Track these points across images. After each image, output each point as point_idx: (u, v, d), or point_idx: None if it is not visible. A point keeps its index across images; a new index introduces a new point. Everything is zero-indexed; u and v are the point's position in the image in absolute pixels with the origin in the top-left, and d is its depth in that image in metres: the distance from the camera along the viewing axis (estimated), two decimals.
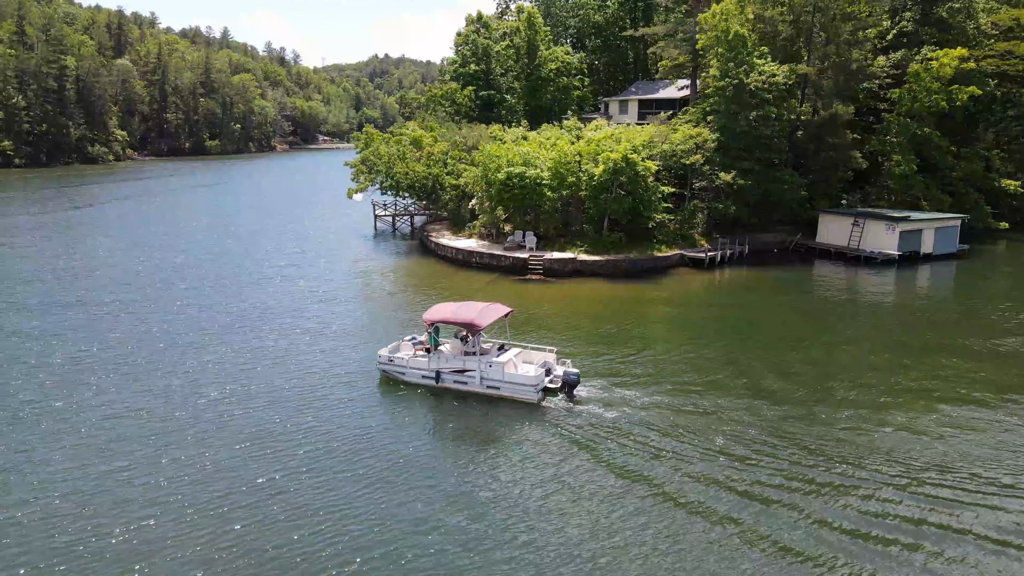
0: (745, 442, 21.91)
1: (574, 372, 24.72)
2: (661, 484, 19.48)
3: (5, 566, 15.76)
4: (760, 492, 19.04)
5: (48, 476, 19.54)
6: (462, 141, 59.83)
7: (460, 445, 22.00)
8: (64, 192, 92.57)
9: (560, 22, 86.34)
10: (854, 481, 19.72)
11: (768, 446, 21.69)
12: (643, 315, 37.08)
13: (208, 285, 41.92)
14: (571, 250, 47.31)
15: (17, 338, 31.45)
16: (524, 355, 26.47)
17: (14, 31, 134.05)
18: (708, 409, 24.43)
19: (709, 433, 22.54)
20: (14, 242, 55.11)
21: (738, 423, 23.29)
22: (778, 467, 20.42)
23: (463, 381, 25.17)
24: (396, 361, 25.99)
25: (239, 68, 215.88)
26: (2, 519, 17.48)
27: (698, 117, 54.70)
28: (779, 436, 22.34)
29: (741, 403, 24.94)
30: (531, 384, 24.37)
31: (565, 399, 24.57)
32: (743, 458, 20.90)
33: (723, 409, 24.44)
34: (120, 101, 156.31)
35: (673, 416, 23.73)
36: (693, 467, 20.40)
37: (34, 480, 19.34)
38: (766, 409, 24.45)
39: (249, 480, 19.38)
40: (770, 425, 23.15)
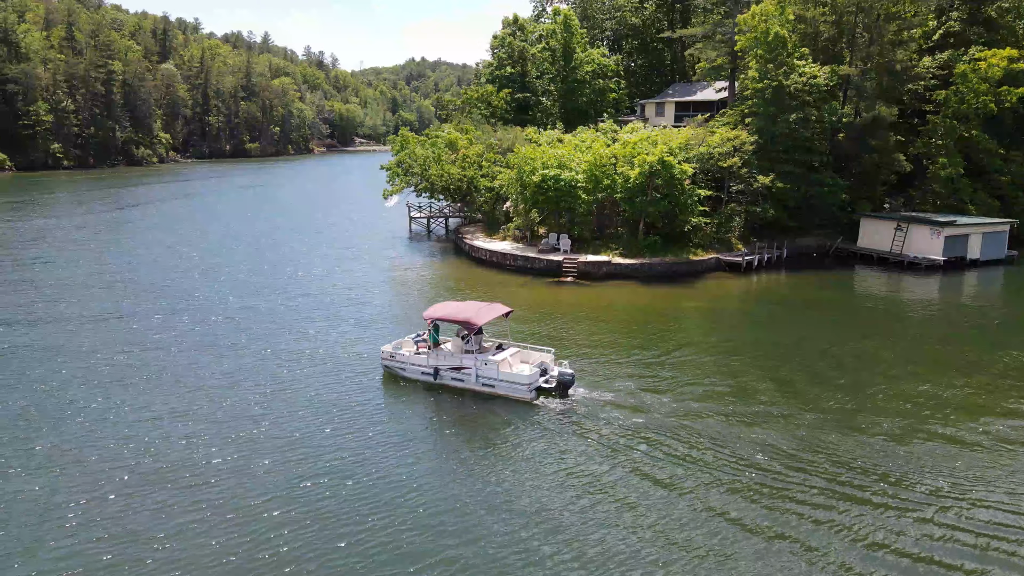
0: (777, 452, 21.37)
1: (568, 373, 24.99)
2: (676, 497, 18.94)
3: (48, 564, 16.18)
4: (799, 510, 18.23)
5: (92, 474, 20.05)
6: (497, 143, 59.94)
7: (449, 439, 22.55)
8: (111, 193, 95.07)
9: (596, 24, 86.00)
10: (902, 497, 18.80)
11: (802, 458, 21.12)
12: (676, 319, 36.69)
13: (245, 286, 42.60)
14: (605, 253, 47.04)
15: (52, 338, 32.34)
16: (522, 355, 26.70)
17: (64, 36, 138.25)
18: (737, 415, 23.98)
19: (736, 441, 22.10)
20: (60, 242, 56.75)
21: (770, 431, 22.78)
22: (816, 482, 19.63)
23: (460, 378, 25.61)
24: (398, 357, 26.64)
25: (279, 72, 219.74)
26: (46, 516, 17.84)
27: (736, 119, 53.98)
28: (814, 447, 21.73)
29: (773, 410, 24.44)
30: (524, 383, 24.70)
31: (559, 399, 24.74)
32: (773, 470, 20.36)
33: (754, 416, 23.96)
34: (164, 105, 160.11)
35: (700, 423, 23.32)
36: (717, 477, 19.86)
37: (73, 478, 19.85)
38: (800, 417, 23.90)
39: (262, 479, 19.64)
40: (805, 434, 22.60)
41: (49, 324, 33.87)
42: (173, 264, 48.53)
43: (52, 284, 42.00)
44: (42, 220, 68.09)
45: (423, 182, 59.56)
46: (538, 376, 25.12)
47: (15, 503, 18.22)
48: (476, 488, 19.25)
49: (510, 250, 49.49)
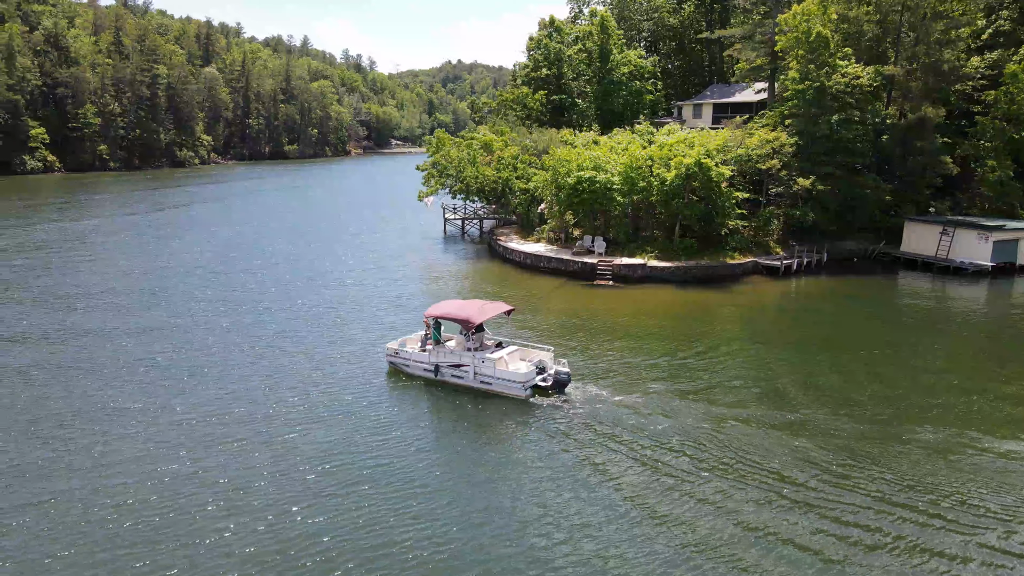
0: (812, 463, 20.71)
1: (565, 372, 25.13)
2: (697, 509, 18.43)
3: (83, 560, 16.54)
4: (842, 531, 17.24)
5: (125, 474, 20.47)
6: (532, 145, 59.88)
7: (440, 432, 23.20)
8: (157, 194, 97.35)
9: (634, 25, 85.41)
10: (960, 519, 17.75)
11: (841, 471, 20.56)
12: (710, 323, 36.12)
13: (282, 286, 43.17)
14: (641, 256, 46.61)
15: (97, 337, 33.12)
16: (521, 353, 26.88)
17: (112, 42, 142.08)
18: (768, 422, 23.46)
19: (766, 450, 21.54)
20: (107, 241, 58.23)
21: (803, 440, 22.17)
22: (857, 499, 18.88)
23: (459, 376, 26.08)
24: (401, 354, 27.28)
25: (317, 75, 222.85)
26: (82, 515, 18.13)
27: (775, 121, 53.05)
28: (854, 458, 21.07)
29: (808, 418, 23.82)
30: (519, 381, 24.94)
31: (556, 397, 24.95)
32: (808, 484, 19.81)
33: (786, 424, 23.38)
34: (206, 108, 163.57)
35: (728, 430, 22.82)
36: (746, 491, 19.17)
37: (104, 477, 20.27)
38: (838, 426, 23.24)
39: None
40: (842, 444, 21.98)
41: (91, 323, 34.70)
42: (213, 263, 49.39)
43: (94, 283, 43.06)
44: (96, 220, 69.95)
45: (458, 184, 59.75)
46: (534, 375, 25.33)
47: (59, 503, 18.64)
48: (449, 485, 19.33)
49: (544, 252, 49.35)
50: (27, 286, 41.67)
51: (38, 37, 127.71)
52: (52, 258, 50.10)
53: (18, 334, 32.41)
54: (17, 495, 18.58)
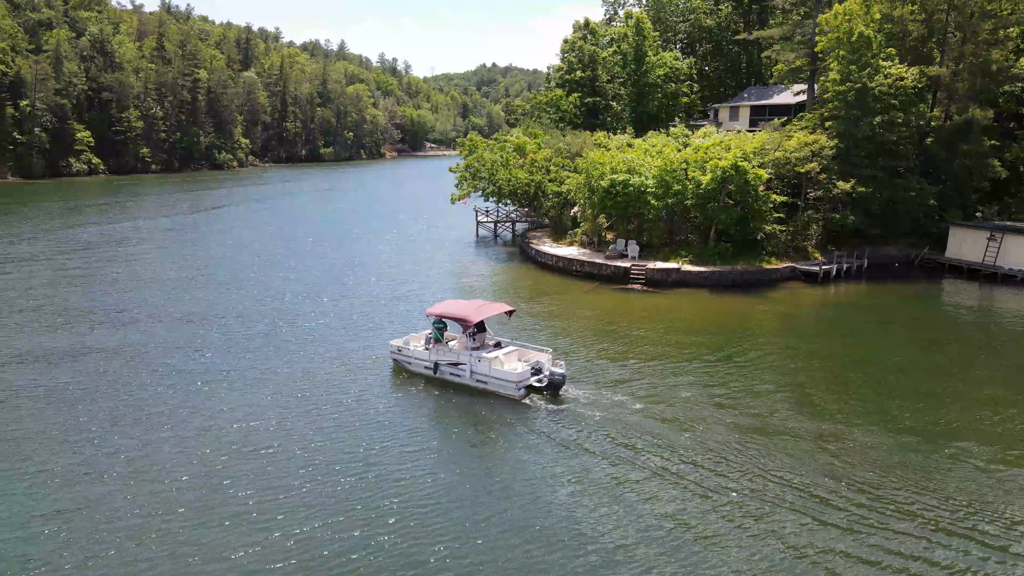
0: (848, 479, 19.93)
1: (559, 373, 25.32)
2: (714, 532, 17.91)
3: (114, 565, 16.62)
4: (887, 559, 16.26)
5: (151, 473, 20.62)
6: (565, 148, 59.49)
7: (433, 426, 23.70)
8: (199, 195, 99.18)
9: (670, 27, 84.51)
10: (1005, 544, 16.89)
11: (879, 490, 19.82)
12: (746, 329, 35.32)
13: (314, 288, 43.42)
14: (675, 260, 45.90)
15: (131, 337, 33.62)
16: (519, 353, 27.10)
17: (155, 47, 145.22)
18: (800, 433, 22.70)
19: (797, 463, 20.84)
20: (146, 243, 59.35)
21: (837, 453, 21.40)
22: (902, 526, 18.00)
23: (457, 374, 26.53)
24: (404, 352, 27.94)
25: (353, 78, 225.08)
26: (108, 524, 18.11)
27: (815, 123, 51.87)
28: (896, 474, 20.26)
29: (843, 430, 23.00)
30: (513, 381, 25.19)
31: (551, 398, 25.12)
32: (841, 504, 19.07)
33: (819, 436, 22.55)
34: (245, 111, 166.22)
35: (759, 442, 22.11)
36: (779, 513, 18.45)
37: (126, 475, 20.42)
38: (876, 438, 22.40)
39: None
40: (882, 458, 21.18)
41: (129, 323, 35.24)
42: (248, 263, 49.95)
43: (133, 281, 43.82)
44: (136, 222, 71.45)
45: (490, 186, 59.62)
46: (528, 375, 25.50)
47: (86, 511, 18.78)
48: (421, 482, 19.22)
49: (577, 256, 48.92)
50: (65, 288, 42.55)
51: (84, 43, 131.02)
52: (92, 260, 51.14)
53: (49, 335, 33.04)
54: (45, 502, 18.25)
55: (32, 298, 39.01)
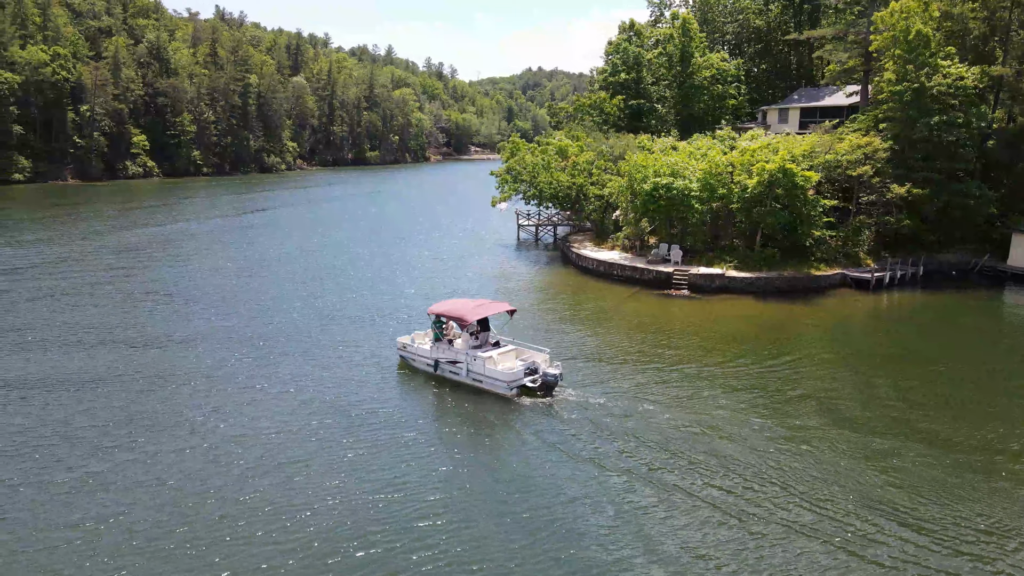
0: (896, 505, 18.83)
1: (552, 374, 25.58)
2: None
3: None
4: None
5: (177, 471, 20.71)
6: (608, 151, 58.71)
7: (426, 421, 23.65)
8: (251, 197, 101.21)
9: (717, 28, 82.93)
10: None
11: (938, 515, 18.70)
12: (792, 338, 34.03)
13: (356, 288, 43.60)
14: (719, 266, 44.75)
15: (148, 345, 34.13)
16: (516, 353, 27.38)
17: (208, 53, 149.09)
18: (840, 448, 21.59)
19: (849, 486, 19.80)
20: (194, 243, 60.61)
21: (889, 474, 20.25)
22: (948, 556, 17.04)
23: (455, 372, 27.07)
24: (409, 348, 28.72)
25: (400, 83, 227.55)
26: (128, 533, 17.83)
27: (868, 125, 50.05)
28: (960, 500, 19.13)
29: (893, 447, 21.82)
30: (505, 380, 25.52)
31: (545, 398, 25.24)
32: (892, 529, 18.03)
33: (869, 455, 21.36)
34: (294, 115, 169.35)
35: (799, 459, 21.06)
36: (817, 540, 17.57)
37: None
38: (931, 459, 21.18)
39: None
40: (942, 477, 20.02)
41: (168, 324, 35.84)
42: (290, 264, 50.50)
43: (175, 283, 44.67)
44: (187, 223, 73.18)
45: (532, 189, 59.20)
46: (521, 375, 25.70)
47: (112, 520, 18.90)
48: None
49: (618, 260, 48.12)
50: (107, 288, 43.54)
51: (142, 50, 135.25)
52: (136, 261, 52.36)
53: (80, 337, 33.75)
54: (71, 511, 17.91)
55: (74, 300, 39.94)
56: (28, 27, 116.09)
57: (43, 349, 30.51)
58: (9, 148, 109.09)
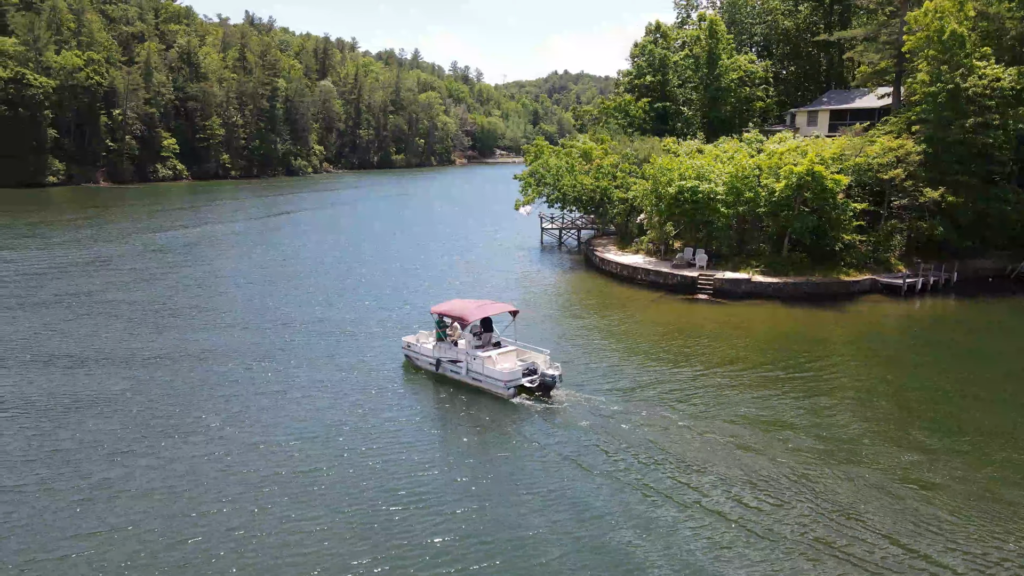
0: (935, 525, 18.14)
1: (550, 375, 25.60)
2: None
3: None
4: None
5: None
6: (633, 154, 58.09)
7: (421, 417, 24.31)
8: (275, 201, 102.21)
9: (745, 29, 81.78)
10: None
11: (973, 533, 17.91)
12: (820, 345, 33.11)
13: (378, 290, 43.55)
14: (745, 270, 43.94)
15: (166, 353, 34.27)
16: (517, 353, 27.53)
17: (237, 58, 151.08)
18: (879, 469, 20.71)
19: (877, 507, 19.00)
20: (222, 244, 61.16)
21: (924, 493, 19.43)
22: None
23: (456, 371, 27.34)
24: (413, 347, 29.22)
25: (426, 86, 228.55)
26: (139, 544, 17.71)
27: (900, 127, 48.86)
28: (987, 522, 18.37)
29: (931, 466, 20.94)
30: (502, 380, 25.62)
31: (542, 399, 25.29)
32: (935, 554, 17.37)
33: (900, 472, 20.52)
34: (320, 119, 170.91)
35: (825, 478, 20.32)
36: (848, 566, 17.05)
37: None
38: (965, 474, 20.32)
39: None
40: (982, 491, 19.22)
41: (189, 327, 36.02)
42: (313, 267, 50.68)
43: (198, 286, 44.99)
44: (221, 225, 73.99)
45: (555, 192, 58.78)
46: (519, 375, 25.82)
47: (126, 531, 18.84)
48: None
49: (642, 264, 47.50)
50: (132, 291, 43.97)
51: (173, 54, 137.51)
52: (163, 263, 52.90)
53: (104, 340, 34.00)
54: (85, 520, 17.58)
55: (95, 303, 40.32)
56: (63, 33, 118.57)
57: (62, 353, 30.75)
58: (44, 152, 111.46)
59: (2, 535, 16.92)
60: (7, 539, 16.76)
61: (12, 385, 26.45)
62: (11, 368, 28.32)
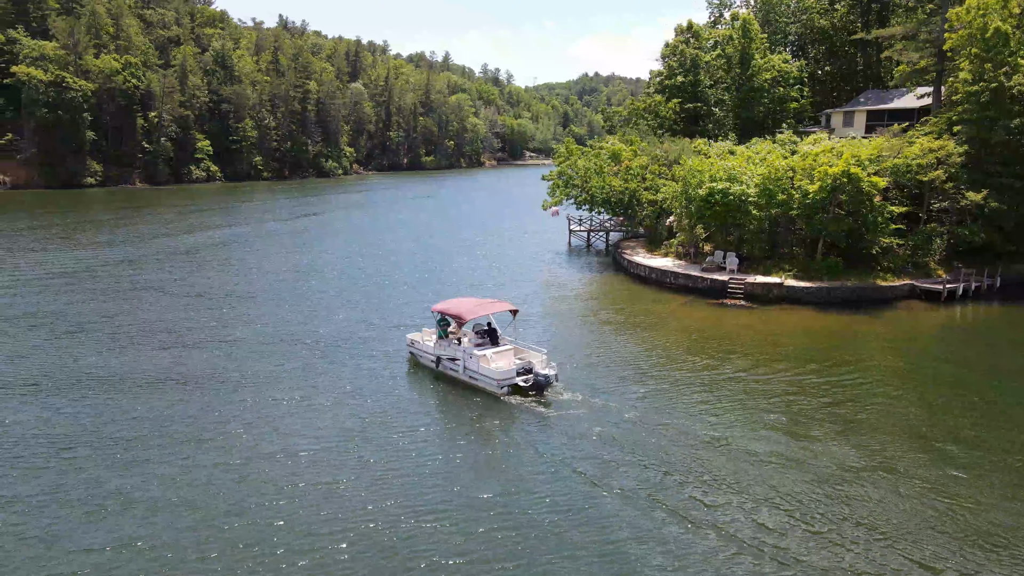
0: (978, 545, 17.34)
1: (543, 375, 25.56)
2: None
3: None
4: None
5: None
6: (663, 155, 57.22)
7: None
8: (307, 201, 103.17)
9: (779, 28, 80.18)
10: None
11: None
12: (854, 353, 31.94)
13: (406, 293, 43.39)
14: (777, 274, 42.90)
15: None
16: (515, 352, 27.63)
17: (270, 60, 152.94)
18: (912, 478, 19.86)
19: (913, 528, 18.21)
20: (254, 244, 61.68)
21: (968, 514, 18.57)
22: None
23: (454, 368, 27.59)
24: (416, 345, 29.63)
25: (456, 88, 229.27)
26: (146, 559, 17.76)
27: (941, 128, 47.35)
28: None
29: (973, 483, 19.95)
30: (495, 378, 25.84)
31: (536, 398, 25.30)
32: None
33: (936, 483, 19.65)
34: (351, 121, 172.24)
35: (847, 490, 19.47)
36: None
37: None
38: (1011, 492, 19.40)
39: None
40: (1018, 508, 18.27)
41: (212, 330, 36.15)
42: (339, 268, 50.77)
43: (225, 286, 45.28)
44: (253, 226, 74.76)
45: (583, 194, 58.14)
46: (513, 374, 25.88)
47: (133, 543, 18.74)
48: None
49: (671, 267, 46.69)
50: (157, 295, 44.39)
51: (208, 58, 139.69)
52: (191, 265, 53.43)
53: (125, 346, 34.25)
54: (90, 532, 17.09)
55: (120, 307, 40.72)
56: (102, 37, 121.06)
57: (83, 355, 31.01)
58: (83, 153, 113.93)
59: (12, 548, 16.39)
60: (17, 551, 16.24)
61: (23, 391, 26.52)
62: (19, 373, 28.54)
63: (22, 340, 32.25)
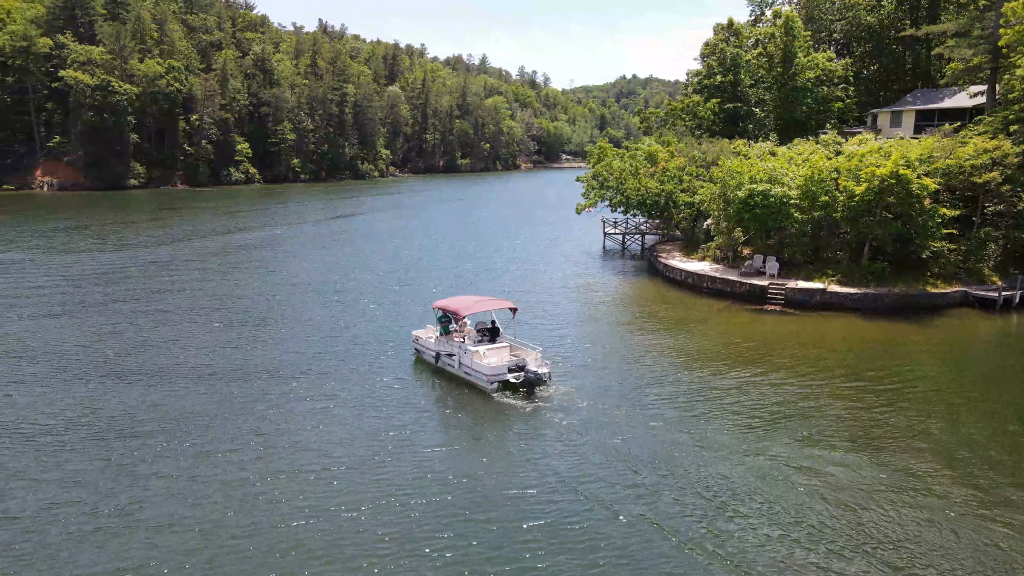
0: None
1: (533, 372, 25.64)
2: None
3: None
4: None
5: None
6: (701, 156, 55.75)
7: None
8: (345, 203, 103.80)
9: (823, 26, 77.83)
10: None
11: None
12: (901, 363, 30.20)
13: (435, 296, 42.88)
14: (820, 280, 41.20)
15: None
16: (510, 349, 27.78)
17: (309, 64, 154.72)
18: (956, 501, 18.44)
19: (947, 540, 16.80)
20: (293, 243, 61.92)
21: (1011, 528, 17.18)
22: None
23: (451, 364, 27.81)
24: (419, 342, 30.13)
25: (492, 91, 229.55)
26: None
27: (996, 128, 45.09)
28: None
29: (1018, 502, 18.57)
30: (485, 374, 26.07)
31: (527, 396, 25.32)
32: None
33: (982, 506, 18.24)
34: (388, 123, 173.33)
35: (883, 509, 18.13)
36: None
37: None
38: None
39: None
40: None
41: (242, 332, 36.01)
42: (372, 271, 50.51)
43: (260, 288, 45.29)
44: (289, 227, 75.28)
45: (618, 196, 56.96)
46: (504, 371, 26.01)
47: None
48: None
49: (708, 272, 45.28)
50: (190, 297, 44.54)
51: (248, 62, 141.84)
52: (224, 265, 53.71)
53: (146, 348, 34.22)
54: (95, 553, 16.12)
55: (147, 309, 40.92)
56: (146, 42, 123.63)
57: (72, 363, 30.55)
58: (127, 156, 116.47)
59: (13, 570, 15.57)
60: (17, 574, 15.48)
61: (31, 396, 25.91)
62: (25, 378, 28.11)
63: (41, 333, 32.47)
